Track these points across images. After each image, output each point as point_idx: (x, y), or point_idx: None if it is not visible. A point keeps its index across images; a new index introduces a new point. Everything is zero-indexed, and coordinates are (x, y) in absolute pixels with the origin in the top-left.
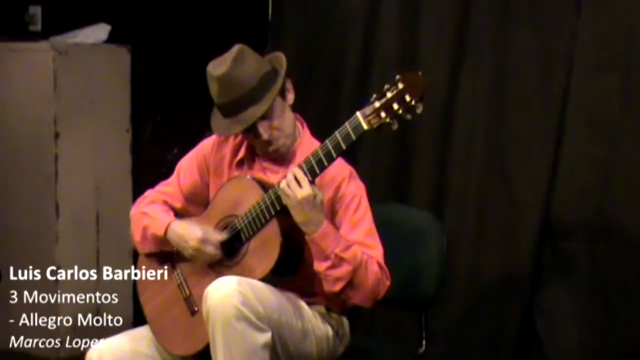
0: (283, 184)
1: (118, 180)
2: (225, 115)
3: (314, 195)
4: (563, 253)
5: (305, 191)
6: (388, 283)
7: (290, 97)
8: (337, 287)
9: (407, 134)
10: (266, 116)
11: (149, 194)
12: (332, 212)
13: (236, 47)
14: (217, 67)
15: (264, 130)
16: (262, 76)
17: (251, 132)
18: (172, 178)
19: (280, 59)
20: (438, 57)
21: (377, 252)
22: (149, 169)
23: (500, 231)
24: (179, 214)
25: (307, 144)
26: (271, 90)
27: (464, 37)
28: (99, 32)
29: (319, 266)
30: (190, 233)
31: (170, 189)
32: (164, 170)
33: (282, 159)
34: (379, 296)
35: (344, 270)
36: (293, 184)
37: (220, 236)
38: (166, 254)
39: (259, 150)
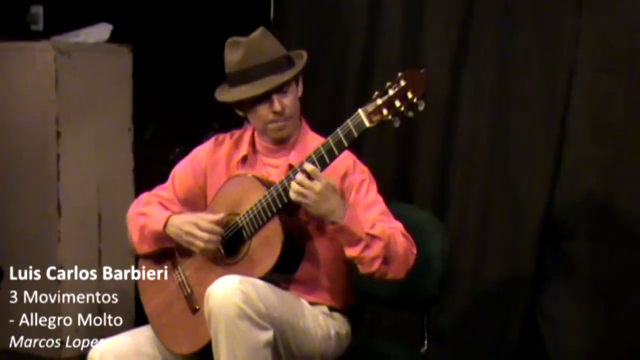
0: (296, 182)
1: (120, 180)
2: (241, 83)
3: (329, 182)
4: (565, 254)
5: (322, 182)
6: (415, 251)
7: (300, 89)
8: (375, 266)
9: (410, 134)
10: (283, 90)
11: (144, 196)
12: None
13: (261, 28)
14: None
15: (277, 101)
16: (286, 54)
17: (264, 99)
18: (167, 184)
19: (301, 52)
20: (441, 58)
21: (397, 223)
22: (151, 168)
23: (503, 232)
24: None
25: (307, 137)
26: (293, 68)
27: (466, 38)
28: (100, 31)
29: (352, 252)
30: (185, 218)
31: (166, 193)
32: (166, 170)
33: (281, 146)
34: (409, 265)
35: (377, 247)
36: (306, 181)
37: (213, 217)
38: (166, 252)
39: (261, 128)
